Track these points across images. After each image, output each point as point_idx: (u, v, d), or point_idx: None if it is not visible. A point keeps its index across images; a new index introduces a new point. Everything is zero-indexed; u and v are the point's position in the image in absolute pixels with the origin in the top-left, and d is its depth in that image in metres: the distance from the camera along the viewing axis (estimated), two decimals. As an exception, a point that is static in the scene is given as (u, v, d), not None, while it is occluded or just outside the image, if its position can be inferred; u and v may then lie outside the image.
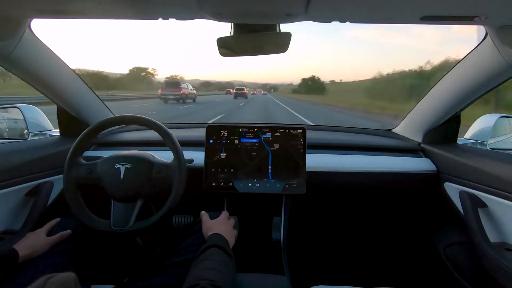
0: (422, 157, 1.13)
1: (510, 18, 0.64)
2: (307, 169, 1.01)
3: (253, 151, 1.02)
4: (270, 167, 1.02)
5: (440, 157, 1.06)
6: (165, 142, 0.89)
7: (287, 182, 1.01)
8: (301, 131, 1.02)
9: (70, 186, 0.85)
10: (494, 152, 1.02)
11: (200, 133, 1.06)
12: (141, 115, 0.93)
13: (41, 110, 1.29)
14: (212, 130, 1.03)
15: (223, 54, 0.86)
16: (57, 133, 1.19)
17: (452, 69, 0.96)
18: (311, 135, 1.12)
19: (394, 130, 1.35)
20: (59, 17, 0.70)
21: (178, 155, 0.87)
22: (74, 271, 0.38)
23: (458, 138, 1.14)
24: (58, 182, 0.97)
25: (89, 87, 1.15)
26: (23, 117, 1.21)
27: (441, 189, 1.04)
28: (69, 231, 0.80)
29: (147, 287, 0.71)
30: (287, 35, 0.78)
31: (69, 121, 1.13)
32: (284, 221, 1.05)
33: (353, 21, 0.67)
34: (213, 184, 1.02)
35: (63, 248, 0.76)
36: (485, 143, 1.19)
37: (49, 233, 0.79)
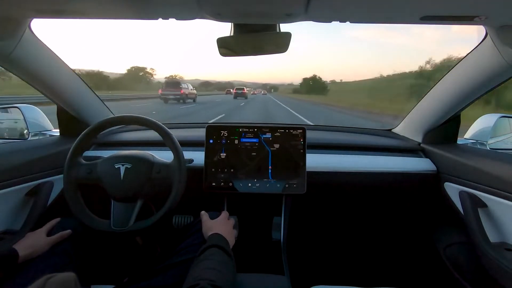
0: (422, 157, 1.13)
1: (510, 18, 0.64)
2: (307, 169, 1.01)
3: (253, 151, 1.02)
4: (270, 167, 1.02)
5: (440, 157, 1.06)
6: (165, 142, 0.89)
7: (287, 182, 1.01)
8: (301, 131, 1.02)
9: (70, 186, 0.85)
10: (494, 152, 1.02)
11: (200, 133, 1.06)
12: (141, 115, 0.93)
13: (41, 110, 1.29)
14: (212, 130, 1.03)
15: (223, 54, 0.86)
16: (57, 133, 1.19)
17: (452, 69, 0.96)
18: (311, 135, 1.12)
19: (394, 130, 1.35)
20: (59, 17, 0.70)
21: (178, 155, 0.87)
22: (74, 271, 0.38)
23: (458, 138, 1.13)
24: (58, 182, 0.97)
25: (89, 87, 1.15)
26: (23, 117, 1.21)
27: (441, 189, 1.04)
28: (69, 231, 0.80)
29: (147, 287, 0.71)
30: (287, 35, 0.78)
31: (69, 121, 1.13)
32: (284, 221, 1.05)
33: (353, 21, 0.67)
34: (213, 184, 1.02)
35: (63, 248, 0.76)
36: (485, 143, 1.19)
37: (49, 233, 0.79)
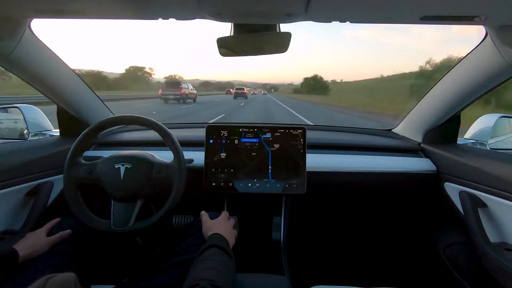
0: (422, 157, 1.13)
1: (510, 18, 0.64)
2: (307, 169, 1.01)
3: (253, 151, 1.02)
4: (270, 167, 1.02)
5: (440, 157, 1.06)
6: (165, 142, 0.89)
7: (287, 182, 1.01)
8: (301, 131, 1.02)
9: (70, 186, 0.85)
10: (494, 152, 1.02)
11: (200, 133, 1.06)
12: (141, 115, 0.93)
13: (41, 110, 1.29)
14: (212, 130, 1.03)
15: (223, 54, 0.86)
16: (57, 133, 1.19)
17: (452, 69, 0.96)
18: (311, 135, 1.12)
19: (394, 130, 1.35)
20: (59, 17, 0.70)
21: (178, 155, 0.87)
22: (74, 271, 0.38)
23: (458, 138, 1.13)
24: (58, 182, 0.97)
25: (89, 87, 1.15)
26: (23, 117, 1.21)
27: (441, 189, 1.04)
28: (69, 231, 0.80)
29: (147, 287, 0.71)
30: (287, 35, 0.78)
31: (69, 121, 1.13)
32: (284, 221, 1.05)
33: (353, 21, 0.67)
34: (213, 184, 1.02)
35: (63, 248, 0.76)
36: (485, 143, 1.19)
37: (49, 233, 0.79)
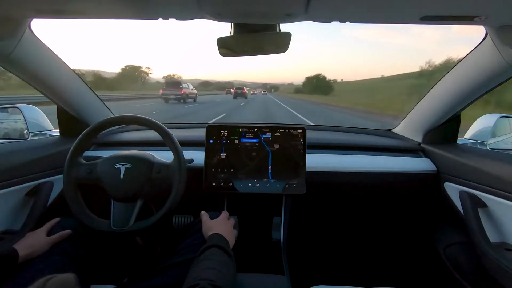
0: (422, 157, 1.13)
1: (510, 18, 0.64)
2: (307, 169, 1.01)
3: (253, 151, 1.02)
4: (270, 167, 1.02)
5: (440, 157, 1.06)
6: (165, 142, 0.89)
7: (287, 182, 1.01)
8: (301, 131, 1.02)
9: (70, 186, 0.85)
10: (494, 152, 1.02)
11: (200, 133, 1.06)
12: (141, 115, 0.93)
13: (41, 110, 1.29)
14: (212, 130, 1.03)
15: (223, 54, 0.86)
16: (57, 133, 1.19)
17: (452, 69, 0.96)
18: (311, 135, 1.12)
19: (394, 130, 1.35)
20: (59, 17, 0.70)
21: (178, 155, 0.87)
22: (74, 271, 0.38)
23: (458, 138, 1.13)
24: (58, 182, 0.97)
25: (89, 87, 1.15)
26: (23, 117, 1.21)
27: (441, 189, 1.04)
28: (69, 231, 0.79)
29: (147, 287, 0.71)
30: (287, 35, 0.78)
31: (69, 121, 1.13)
32: (284, 221, 1.05)
33: (353, 21, 0.67)
34: (213, 184, 1.02)
35: (63, 248, 0.76)
36: (485, 143, 1.19)
37: (49, 233, 0.79)
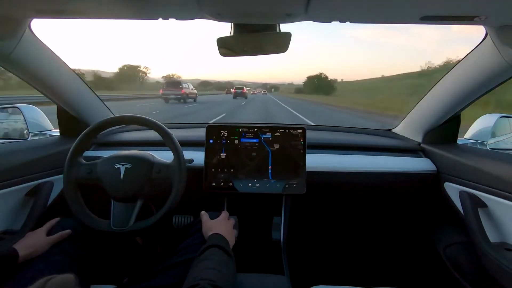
0: (422, 157, 1.13)
1: (510, 18, 0.64)
2: (307, 169, 1.01)
3: (253, 151, 1.02)
4: (270, 167, 1.02)
5: (440, 157, 1.06)
6: (165, 142, 0.89)
7: (287, 182, 1.01)
8: (301, 131, 1.02)
9: (70, 186, 0.85)
10: (494, 152, 1.02)
11: (200, 133, 1.06)
12: (141, 115, 0.93)
13: (41, 110, 1.29)
14: (212, 130, 1.03)
15: (223, 54, 0.86)
16: (57, 133, 1.19)
17: (452, 69, 0.96)
18: (311, 135, 1.12)
19: (394, 130, 1.35)
20: (59, 17, 0.70)
21: (178, 155, 0.87)
22: (74, 271, 0.38)
23: (458, 138, 1.13)
24: (58, 182, 0.97)
25: (89, 87, 1.15)
26: (23, 117, 1.21)
27: (441, 189, 1.04)
28: (69, 231, 0.79)
29: (147, 287, 0.71)
30: (287, 35, 0.78)
31: (69, 121, 1.13)
32: (284, 221, 1.05)
33: (353, 21, 0.67)
34: (213, 184, 1.02)
35: (63, 248, 0.76)
36: (485, 143, 1.19)
37: (49, 233, 0.79)
